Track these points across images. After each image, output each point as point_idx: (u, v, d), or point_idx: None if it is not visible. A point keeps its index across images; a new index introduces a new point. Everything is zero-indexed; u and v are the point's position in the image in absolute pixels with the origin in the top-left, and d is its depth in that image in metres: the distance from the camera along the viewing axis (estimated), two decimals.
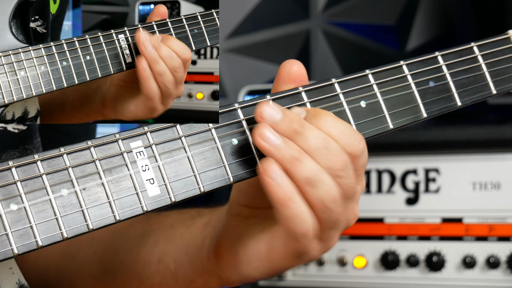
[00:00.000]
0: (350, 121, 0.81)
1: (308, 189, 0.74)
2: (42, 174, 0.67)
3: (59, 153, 0.68)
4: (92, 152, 0.69)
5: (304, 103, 0.79)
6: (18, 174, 0.66)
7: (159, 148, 0.72)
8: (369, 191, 1.51)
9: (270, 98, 0.78)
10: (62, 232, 0.67)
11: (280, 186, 0.73)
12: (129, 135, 0.72)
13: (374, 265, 1.50)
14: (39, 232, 0.66)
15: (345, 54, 2.03)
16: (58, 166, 0.68)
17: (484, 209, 1.44)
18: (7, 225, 0.64)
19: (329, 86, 0.80)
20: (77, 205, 0.68)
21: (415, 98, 0.84)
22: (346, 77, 0.81)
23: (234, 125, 0.76)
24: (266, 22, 1.99)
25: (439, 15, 2.07)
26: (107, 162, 0.70)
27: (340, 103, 0.80)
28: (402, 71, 0.85)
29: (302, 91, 0.79)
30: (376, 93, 0.82)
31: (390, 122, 0.82)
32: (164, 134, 0.73)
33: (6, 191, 0.65)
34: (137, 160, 0.71)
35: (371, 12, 2.05)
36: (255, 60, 1.99)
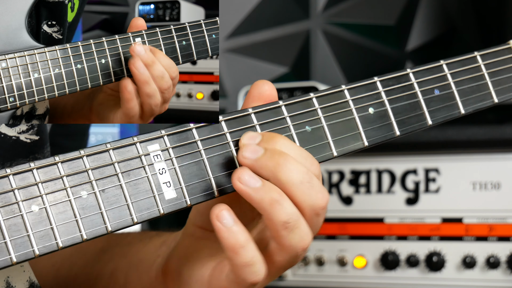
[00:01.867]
0: (359, 127, 0.81)
1: (283, 234, 0.71)
2: (63, 176, 0.67)
3: (79, 155, 0.69)
4: (111, 154, 0.70)
5: (315, 109, 0.79)
6: (40, 176, 0.67)
7: (175, 151, 0.73)
8: (369, 191, 1.51)
9: (283, 104, 0.78)
10: (82, 234, 0.67)
11: (233, 233, 0.70)
12: (146, 138, 0.72)
13: (374, 265, 1.50)
14: (60, 234, 0.66)
15: (345, 54, 2.03)
16: (78, 168, 0.68)
17: (484, 209, 1.44)
18: (28, 227, 0.65)
19: (339, 92, 0.81)
20: (96, 207, 0.68)
21: (421, 106, 0.85)
22: (355, 84, 0.82)
23: (249, 130, 0.76)
24: (266, 22, 1.99)
25: (439, 15, 2.07)
26: (125, 164, 0.70)
27: (350, 110, 0.80)
28: (409, 79, 0.85)
29: (313, 97, 0.79)
30: (384, 101, 0.83)
31: (397, 129, 0.83)
32: (180, 137, 0.73)
33: (28, 192, 0.66)
34: (154, 163, 0.72)
35: (371, 12, 2.05)
36: (255, 60, 1.99)
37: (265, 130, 0.76)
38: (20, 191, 0.65)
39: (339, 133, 0.80)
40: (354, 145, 0.80)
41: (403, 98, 0.84)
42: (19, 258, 0.65)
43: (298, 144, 0.78)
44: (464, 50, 2.26)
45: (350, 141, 0.80)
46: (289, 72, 2.00)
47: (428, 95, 0.86)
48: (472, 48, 0.93)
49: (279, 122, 0.77)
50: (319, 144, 0.79)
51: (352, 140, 0.80)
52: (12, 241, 0.64)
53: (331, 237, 1.53)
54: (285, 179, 0.71)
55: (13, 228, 0.64)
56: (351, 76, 2.03)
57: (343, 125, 0.80)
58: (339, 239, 1.52)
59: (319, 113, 0.79)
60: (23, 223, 0.65)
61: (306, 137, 0.78)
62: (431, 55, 2.05)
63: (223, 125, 0.75)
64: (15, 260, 0.65)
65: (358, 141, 0.80)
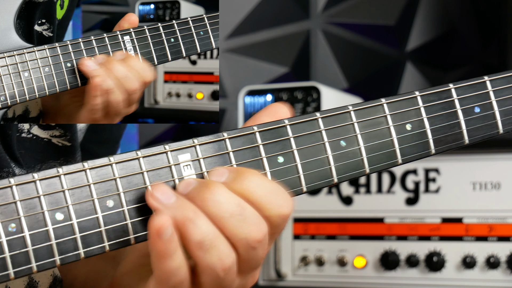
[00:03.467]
0: (395, 144, 0.79)
1: (198, 254, 0.68)
2: (90, 184, 0.65)
3: (108, 163, 0.66)
4: (141, 163, 0.68)
5: (352, 123, 0.76)
6: (67, 183, 0.65)
7: (206, 162, 0.70)
8: (369, 191, 1.51)
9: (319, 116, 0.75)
10: (105, 245, 0.66)
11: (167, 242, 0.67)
12: (178, 147, 0.69)
13: (374, 265, 1.50)
14: (82, 244, 0.65)
15: (345, 54, 2.03)
16: (107, 176, 0.66)
17: (484, 209, 1.44)
18: (52, 236, 0.63)
19: (378, 106, 0.78)
20: (122, 218, 0.66)
21: (460, 124, 0.82)
22: (395, 98, 0.79)
23: (281, 143, 0.73)
24: (266, 22, 1.99)
25: (439, 15, 2.07)
26: (154, 174, 0.68)
27: (388, 128, 0.78)
28: (451, 95, 0.82)
29: (351, 111, 0.77)
30: (423, 118, 0.80)
31: (433, 147, 0.80)
32: (213, 147, 0.71)
33: (54, 199, 0.64)
34: (183, 173, 0.69)
35: (371, 12, 2.05)
36: (255, 60, 1.99)
37: (300, 143, 0.74)
38: (46, 198, 0.64)
39: (373, 150, 0.77)
40: (388, 163, 0.78)
41: (443, 116, 0.81)
42: (42, 266, 0.63)
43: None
44: (464, 50, 2.27)
45: (384, 158, 0.78)
46: (289, 72, 2.00)
47: (469, 113, 0.82)
48: (472, 48, 0.92)
49: (315, 136, 0.75)
50: (353, 160, 0.76)
51: (386, 157, 0.78)
52: (34, 250, 0.63)
53: (331, 237, 1.53)
54: (214, 212, 0.68)
55: (38, 237, 0.63)
56: (351, 76, 2.03)
57: (379, 142, 0.77)
58: (339, 239, 1.52)
59: (355, 128, 0.76)
60: (47, 232, 0.63)
61: (340, 152, 0.75)
62: (431, 55, 2.05)
63: (257, 136, 0.72)
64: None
65: (393, 159, 0.78)
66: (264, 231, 0.69)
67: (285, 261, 1.56)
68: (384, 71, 2.05)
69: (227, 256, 0.69)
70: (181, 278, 0.69)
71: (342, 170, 0.75)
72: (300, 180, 0.73)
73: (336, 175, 0.75)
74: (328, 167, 0.75)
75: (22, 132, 0.86)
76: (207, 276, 0.69)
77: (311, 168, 0.74)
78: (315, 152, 0.74)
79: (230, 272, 0.69)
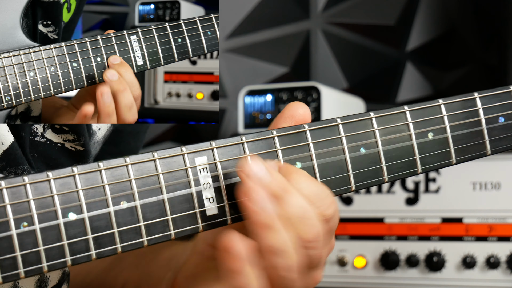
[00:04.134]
0: (416, 153, 0.78)
1: (268, 257, 0.68)
2: (105, 184, 0.65)
3: (123, 164, 0.66)
4: (157, 164, 0.67)
5: (373, 130, 0.76)
6: (81, 182, 0.64)
7: (223, 165, 0.69)
8: (369, 191, 1.51)
9: (340, 122, 0.74)
10: (117, 247, 0.65)
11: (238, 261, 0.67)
12: (195, 150, 0.69)
13: (374, 265, 1.50)
14: (94, 245, 0.64)
15: (345, 54, 2.03)
16: (122, 177, 0.66)
17: (484, 209, 1.44)
18: (64, 236, 0.63)
19: (400, 113, 0.77)
20: (135, 220, 0.66)
21: (483, 134, 0.81)
22: (417, 106, 0.78)
23: (300, 148, 0.73)
24: (266, 22, 1.99)
25: (439, 15, 2.07)
26: (170, 176, 0.67)
27: (409, 134, 0.77)
28: (475, 104, 0.81)
29: (373, 117, 0.76)
30: (446, 127, 0.79)
31: (454, 157, 0.79)
32: (231, 151, 0.70)
33: (67, 198, 0.64)
34: (200, 176, 0.69)
35: (371, 12, 2.05)
36: (255, 60, 1.99)
37: (319, 148, 0.73)
38: (60, 197, 0.63)
39: (394, 158, 0.76)
40: (408, 172, 0.77)
41: (466, 125, 0.80)
42: (53, 266, 0.63)
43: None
44: (464, 50, 2.26)
45: (404, 166, 0.77)
46: (289, 72, 2.00)
47: (492, 123, 0.81)
48: (472, 48, 0.92)
49: (334, 142, 0.74)
50: (372, 168, 0.75)
51: (407, 166, 0.77)
52: (46, 250, 0.62)
53: None
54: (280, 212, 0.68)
55: (49, 236, 0.63)
56: (351, 76, 2.03)
57: (399, 150, 0.76)
58: (339, 239, 1.52)
59: (376, 135, 0.76)
60: (59, 232, 0.63)
61: (360, 159, 0.75)
62: (431, 55, 2.05)
63: (276, 140, 0.72)
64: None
65: (413, 168, 0.77)
66: (318, 231, 0.69)
67: None
68: (384, 71, 2.05)
69: (292, 260, 0.69)
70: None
71: (360, 177, 0.75)
72: None
73: (354, 183, 0.75)
74: (347, 174, 0.75)
75: (36, 135, 0.86)
76: (275, 281, 0.69)
77: (329, 174, 0.74)
78: (334, 158, 0.74)
79: (294, 273, 0.70)
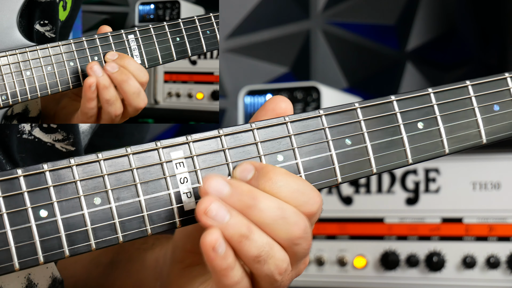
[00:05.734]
0: (405, 143, 0.76)
1: (256, 267, 0.67)
2: (76, 180, 0.64)
3: (96, 159, 0.65)
4: (131, 160, 0.66)
5: (359, 121, 0.74)
6: (52, 179, 0.64)
7: (200, 160, 0.68)
8: (369, 191, 1.51)
9: (359, 106, 0.73)
10: (91, 243, 0.64)
11: (223, 259, 0.66)
12: (170, 144, 0.67)
13: (374, 265, 1.50)
14: (67, 242, 0.64)
15: (345, 54, 2.03)
16: (94, 172, 0.65)
17: (484, 209, 1.44)
18: (36, 235, 0.63)
19: (387, 103, 0.75)
20: (109, 217, 0.65)
21: (477, 124, 0.79)
22: (405, 95, 0.76)
23: (280, 142, 0.71)
24: (266, 22, 1.99)
25: (439, 15, 2.07)
26: (145, 171, 0.66)
27: (398, 126, 0.75)
28: (467, 93, 0.79)
29: (357, 108, 0.74)
30: (437, 117, 0.77)
31: (447, 147, 0.78)
32: (208, 145, 0.68)
33: (40, 195, 0.63)
34: (176, 171, 0.67)
35: (371, 12, 2.05)
36: (255, 60, 1.99)
37: (301, 142, 0.71)
38: (29, 194, 0.63)
39: (382, 149, 0.74)
40: (397, 163, 0.75)
41: (458, 115, 0.78)
42: (25, 264, 0.63)
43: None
44: (464, 50, 2.27)
45: (393, 157, 0.75)
46: (289, 72, 2.00)
47: (487, 112, 0.79)
48: (472, 48, 0.92)
49: (318, 134, 0.72)
50: (359, 160, 0.74)
51: (396, 157, 0.75)
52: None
53: (331, 237, 1.53)
54: (257, 220, 0.67)
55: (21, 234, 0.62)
56: (351, 76, 2.03)
57: (388, 141, 0.75)
58: (339, 239, 1.52)
59: (362, 126, 0.74)
60: (31, 229, 0.62)
61: (346, 151, 0.73)
62: (431, 55, 2.05)
63: (256, 133, 0.70)
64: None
65: (403, 159, 0.75)
66: (304, 225, 0.68)
67: None
68: (384, 71, 2.05)
69: (282, 261, 0.68)
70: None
71: (346, 169, 0.73)
72: (299, 171, 0.72)
73: (340, 175, 0.74)
74: (332, 167, 0.73)
75: (23, 133, 0.85)
76: (266, 282, 0.69)
77: (313, 167, 0.72)
78: (319, 150, 0.73)
79: (286, 273, 0.69)
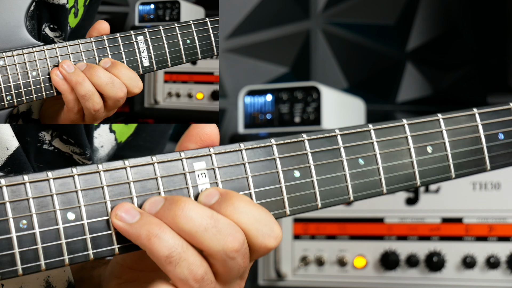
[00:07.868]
0: (414, 164, 0.77)
1: (168, 268, 0.67)
2: (104, 186, 0.65)
3: (123, 166, 0.66)
4: (156, 168, 0.68)
5: (372, 142, 0.76)
6: (80, 183, 0.65)
7: (221, 172, 0.70)
8: None
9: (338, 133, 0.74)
10: (115, 248, 0.65)
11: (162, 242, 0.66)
12: (193, 155, 0.69)
13: (374, 265, 1.50)
14: (92, 246, 0.64)
15: (345, 54, 2.03)
16: (120, 179, 0.66)
17: (484, 209, 1.44)
18: (62, 236, 0.63)
19: (399, 127, 0.77)
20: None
21: (482, 150, 0.81)
22: (414, 120, 0.78)
23: (298, 157, 0.73)
24: (266, 22, 1.99)
25: (439, 15, 2.07)
26: (168, 180, 0.68)
27: (408, 148, 0.77)
28: (474, 120, 0.81)
29: (371, 128, 0.76)
30: (445, 142, 0.79)
31: (453, 172, 0.79)
32: (229, 158, 0.70)
33: (66, 199, 0.64)
34: (198, 181, 0.69)
35: (371, 12, 2.05)
36: (255, 60, 1.99)
37: (318, 159, 0.73)
38: (58, 197, 0.63)
39: (392, 170, 0.76)
40: (405, 184, 0.77)
41: (466, 141, 0.80)
42: (50, 265, 0.63)
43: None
44: (464, 50, 2.26)
45: (402, 179, 0.76)
46: (289, 72, 2.00)
47: (492, 140, 0.82)
48: (472, 48, 0.92)
49: (333, 153, 0.74)
50: (370, 179, 0.75)
51: (404, 178, 0.77)
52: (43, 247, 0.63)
53: (331, 237, 1.53)
54: (187, 228, 0.67)
55: (48, 235, 0.63)
56: (351, 76, 2.03)
57: (398, 163, 0.76)
58: (339, 239, 1.52)
59: (375, 147, 0.76)
60: (58, 231, 0.63)
61: (358, 171, 0.75)
62: (431, 55, 2.05)
63: (275, 149, 0.72)
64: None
65: (412, 181, 0.77)
66: (241, 239, 0.68)
67: (285, 261, 1.56)
68: (384, 71, 2.05)
69: (198, 266, 0.68)
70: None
71: (358, 188, 0.74)
72: (315, 196, 0.73)
73: (352, 193, 0.75)
74: (345, 185, 0.74)
75: (44, 143, 0.85)
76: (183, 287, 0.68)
77: (328, 184, 0.74)
78: (333, 169, 0.74)
79: (205, 282, 0.69)
